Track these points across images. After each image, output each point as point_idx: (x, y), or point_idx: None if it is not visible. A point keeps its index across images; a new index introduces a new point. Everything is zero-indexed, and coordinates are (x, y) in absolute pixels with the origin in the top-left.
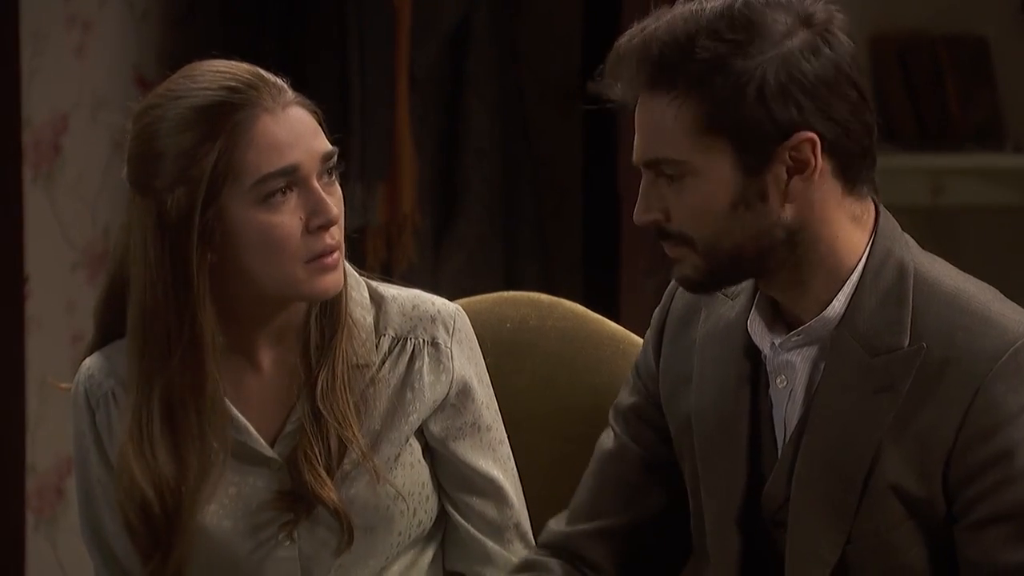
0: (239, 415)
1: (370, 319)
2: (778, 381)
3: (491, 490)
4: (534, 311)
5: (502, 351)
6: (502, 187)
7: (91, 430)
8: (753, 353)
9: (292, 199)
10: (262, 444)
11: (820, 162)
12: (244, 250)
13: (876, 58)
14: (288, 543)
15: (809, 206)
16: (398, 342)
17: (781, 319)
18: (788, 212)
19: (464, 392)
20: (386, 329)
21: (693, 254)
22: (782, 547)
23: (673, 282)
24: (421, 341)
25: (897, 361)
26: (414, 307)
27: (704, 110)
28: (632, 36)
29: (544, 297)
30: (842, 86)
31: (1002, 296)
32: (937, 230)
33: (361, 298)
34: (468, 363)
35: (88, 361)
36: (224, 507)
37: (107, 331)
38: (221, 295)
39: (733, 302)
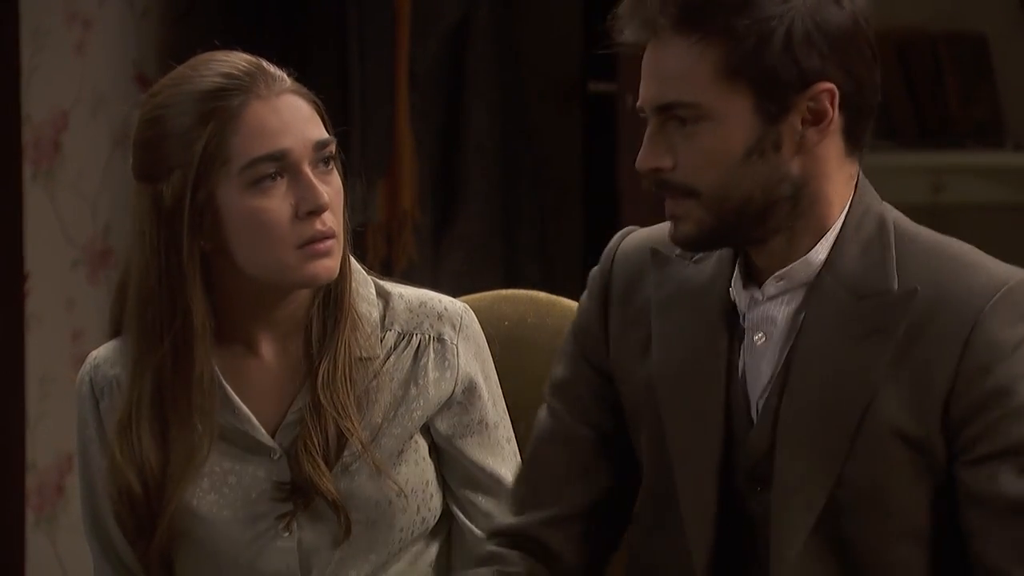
0: (241, 404)
1: (376, 314)
2: (756, 338)
3: (497, 488)
4: (532, 309)
5: (500, 349)
6: (502, 185)
7: (94, 419)
8: (726, 314)
9: (282, 185)
10: (263, 433)
11: (835, 114)
12: (234, 235)
13: None
14: (287, 534)
15: (815, 161)
16: (404, 337)
17: (760, 277)
18: (796, 165)
19: (470, 390)
20: (392, 324)
21: (698, 207)
22: (759, 507)
23: (611, 244)
24: (427, 337)
25: (888, 304)
26: (421, 304)
27: (728, 54)
28: None
29: (542, 295)
30: (860, 40)
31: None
32: (937, 228)
33: (367, 293)
34: (474, 360)
35: (95, 352)
36: (224, 496)
37: (119, 325)
38: (219, 284)
39: (698, 266)
